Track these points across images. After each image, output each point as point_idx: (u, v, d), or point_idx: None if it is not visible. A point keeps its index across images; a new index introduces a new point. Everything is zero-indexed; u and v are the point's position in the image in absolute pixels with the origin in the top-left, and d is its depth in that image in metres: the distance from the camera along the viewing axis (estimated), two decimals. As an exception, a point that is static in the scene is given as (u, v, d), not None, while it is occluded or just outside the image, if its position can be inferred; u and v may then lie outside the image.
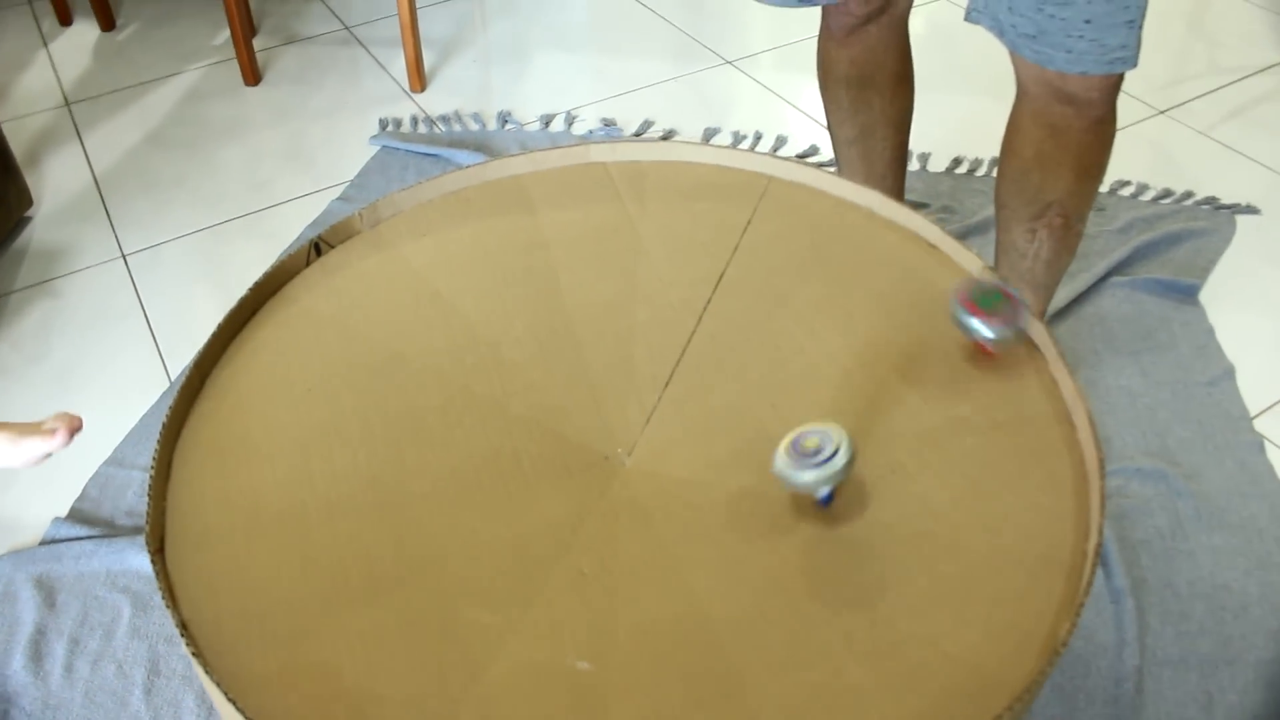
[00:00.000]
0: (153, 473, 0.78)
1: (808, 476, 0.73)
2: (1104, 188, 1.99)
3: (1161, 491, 1.46)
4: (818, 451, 0.74)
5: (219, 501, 0.79)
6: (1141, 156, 2.07)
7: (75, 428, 1.19)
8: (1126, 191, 1.98)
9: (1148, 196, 1.97)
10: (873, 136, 1.58)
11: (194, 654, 0.67)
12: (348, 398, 0.87)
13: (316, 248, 0.98)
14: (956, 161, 2.06)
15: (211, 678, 0.65)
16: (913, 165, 2.06)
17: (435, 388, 0.88)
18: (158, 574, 0.72)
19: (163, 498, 0.78)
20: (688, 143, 1.07)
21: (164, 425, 0.81)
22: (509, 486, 0.81)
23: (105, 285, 1.84)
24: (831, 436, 0.74)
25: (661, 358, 0.90)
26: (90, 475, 1.51)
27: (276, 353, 0.90)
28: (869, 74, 1.50)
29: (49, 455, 1.19)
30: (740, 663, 0.69)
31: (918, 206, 1.96)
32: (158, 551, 0.74)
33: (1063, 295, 1.74)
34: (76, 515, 1.46)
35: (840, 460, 0.73)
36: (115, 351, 1.70)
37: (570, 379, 0.88)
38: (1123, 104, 2.07)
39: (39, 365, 1.69)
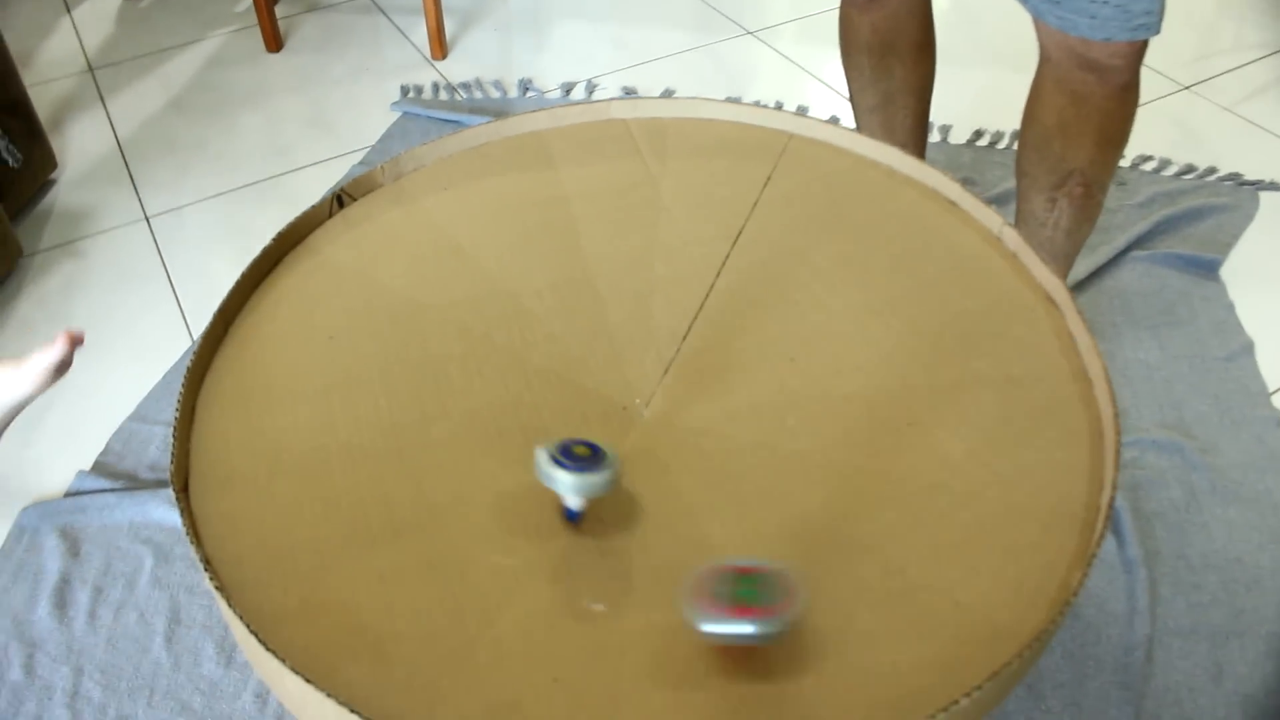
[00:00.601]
0: (178, 416, 0.79)
1: (565, 479, 0.69)
2: (1126, 162, 1.98)
3: (1177, 464, 1.46)
4: (587, 459, 0.70)
5: (242, 445, 0.80)
6: (1165, 131, 2.05)
7: (74, 337, 1.20)
8: (1149, 166, 1.97)
9: (1170, 171, 1.96)
10: (894, 104, 1.57)
11: (217, 588, 0.68)
12: (369, 346, 0.88)
13: (339, 200, 0.99)
14: (978, 134, 2.05)
15: (234, 611, 0.67)
16: (934, 137, 2.06)
17: (456, 337, 0.89)
18: (182, 512, 0.73)
19: (187, 440, 0.80)
20: (708, 100, 1.07)
21: (188, 370, 0.83)
22: (528, 435, 0.81)
23: (129, 246, 1.85)
24: (605, 453, 0.71)
25: (680, 311, 0.91)
26: (114, 430, 1.52)
27: (299, 301, 0.91)
28: (891, 41, 1.49)
29: (58, 368, 1.20)
30: (754, 607, 0.70)
31: (938, 178, 1.96)
32: (182, 491, 0.75)
33: (1082, 268, 1.74)
34: (100, 468, 1.48)
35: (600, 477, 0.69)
36: (138, 311, 1.72)
37: (589, 331, 0.89)
38: (1146, 79, 2.06)
39: (63, 323, 1.71)
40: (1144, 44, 1.18)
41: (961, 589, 0.70)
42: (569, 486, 0.69)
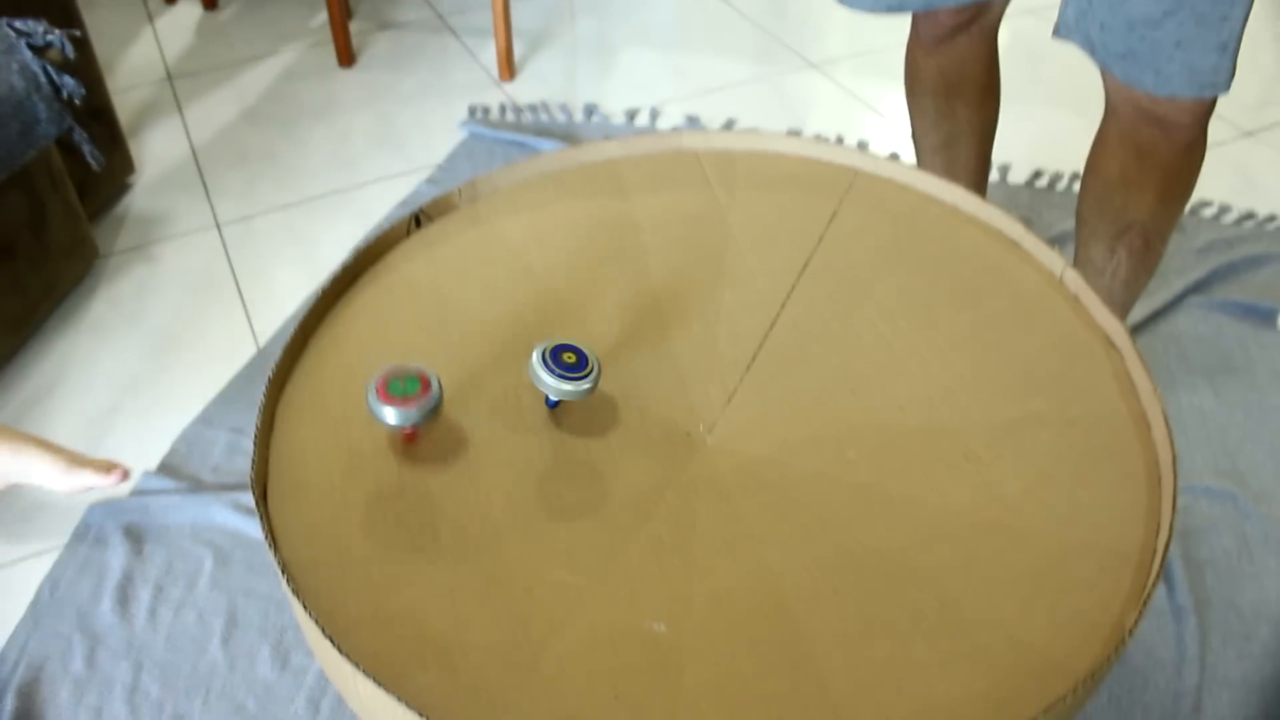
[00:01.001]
0: (259, 424, 0.82)
1: (553, 382, 0.81)
2: (1185, 208, 1.97)
3: (1229, 512, 1.46)
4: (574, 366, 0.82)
5: (318, 455, 0.83)
6: (1225, 178, 2.05)
7: (125, 477, 1.27)
8: (1208, 212, 1.97)
9: (1230, 218, 1.95)
10: (957, 145, 1.58)
11: (294, 592, 0.71)
12: (442, 362, 0.90)
13: (417, 220, 1.02)
14: (1037, 174, 2.06)
15: (310, 616, 0.69)
16: (993, 176, 2.07)
17: (525, 358, 0.91)
18: (261, 518, 0.76)
19: (266, 448, 0.83)
20: (777, 134, 1.09)
21: (269, 380, 0.86)
22: (594, 456, 0.84)
23: (200, 252, 1.90)
24: (586, 355, 0.84)
25: (744, 341, 0.93)
26: (179, 433, 1.57)
27: (376, 315, 0.94)
28: (956, 83, 1.50)
29: (90, 489, 1.28)
30: (810, 633, 0.71)
31: (996, 216, 1.97)
32: (261, 498, 0.78)
33: (1139, 313, 1.74)
34: (165, 470, 1.52)
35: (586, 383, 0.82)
36: (207, 316, 1.76)
37: (656, 357, 0.91)
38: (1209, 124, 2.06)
39: (135, 325, 1.76)
40: (1211, 102, 1.18)
41: (1016, 625, 0.71)
42: (552, 389, 0.82)
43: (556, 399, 0.86)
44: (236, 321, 1.75)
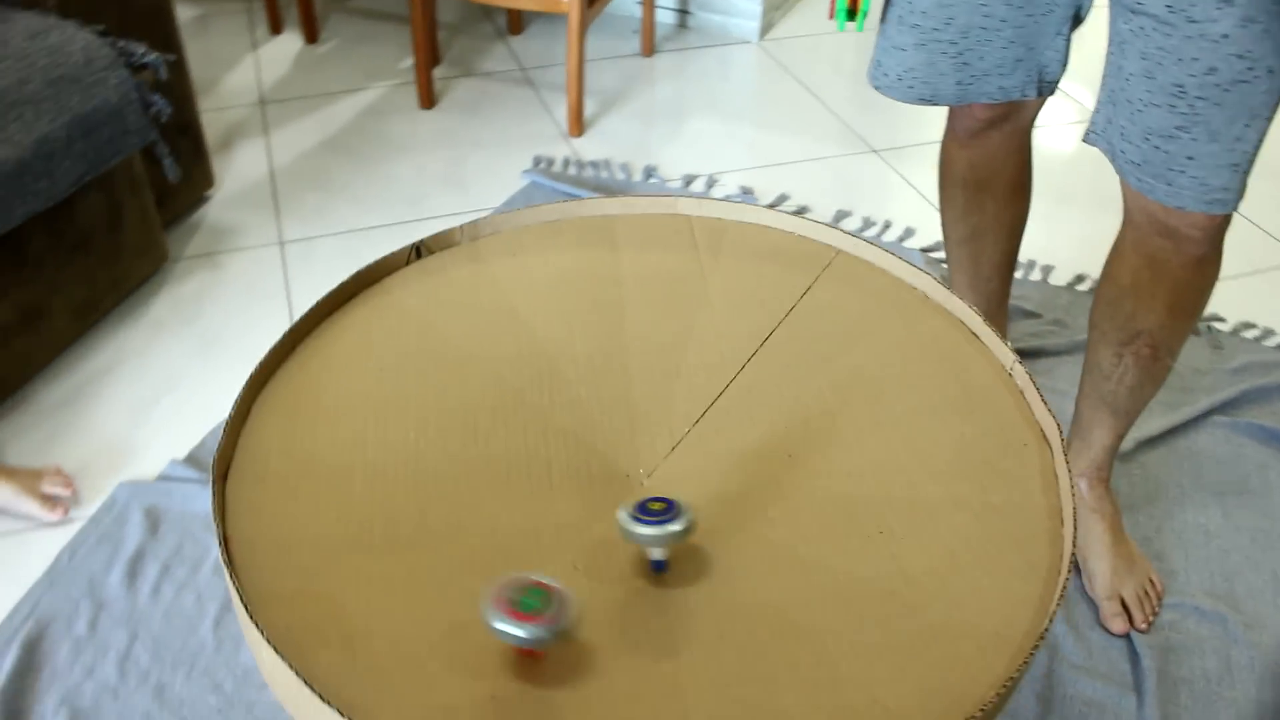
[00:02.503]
0: (232, 414, 0.91)
1: (645, 532, 0.79)
2: (1226, 327, 1.98)
3: (1217, 634, 1.45)
4: (662, 513, 0.80)
5: (281, 448, 0.90)
6: (1272, 300, 2.04)
7: (65, 511, 1.48)
8: (1251, 334, 1.97)
9: (1273, 342, 1.95)
10: (983, 239, 1.62)
11: (226, 563, 0.78)
12: (413, 383, 0.98)
13: (418, 250, 1.11)
14: (1079, 278, 2.08)
15: (234, 585, 0.77)
16: (1034, 275, 2.09)
17: (492, 388, 0.98)
18: (214, 494, 0.84)
19: (236, 435, 0.91)
20: (767, 208, 1.15)
21: (251, 375, 0.94)
22: (534, 485, 0.90)
23: (260, 266, 2.03)
24: (677, 505, 0.81)
25: (698, 397, 0.98)
26: (210, 429, 1.67)
27: (363, 333, 1.02)
28: (986, 178, 1.54)
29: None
30: (687, 667, 0.76)
31: (1030, 315, 1.99)
32: (220, 478, 0.86)
33: (1159, 424, 1.74)
34: (192, 460, 1.62)
35: (676, 526, 0.79)
36: (255, 324, 1.88)
37: (613, 401, 0.98)
38: (1258, 247, 2.06)
39: (190, 326, 1.88)
40: (1224, 219, 1.20)
41: (883, 689, 0.75)
42: (652, 540, 0.80)
43: (660, 558, 0.83)
44: (281, 332, 1.86)
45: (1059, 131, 2.54)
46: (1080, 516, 1.52)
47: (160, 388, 1.76)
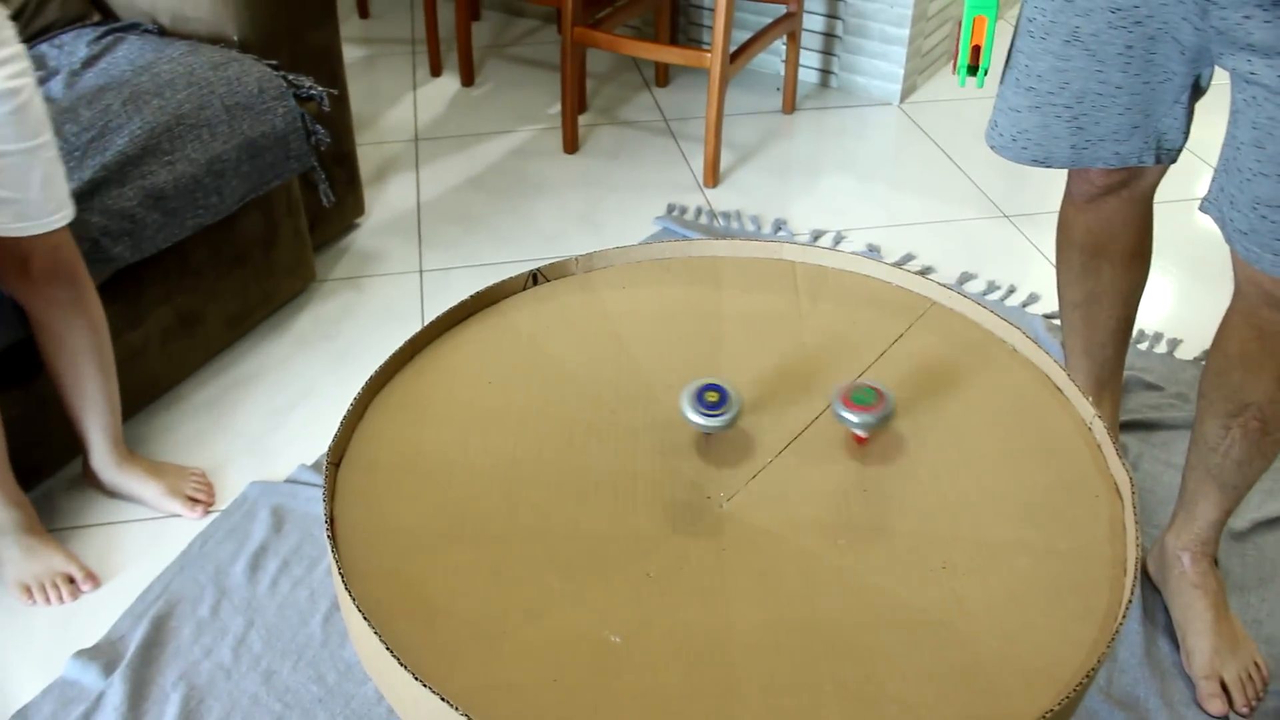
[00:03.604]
0: (351, 409, 1.00)
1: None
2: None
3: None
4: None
5: (391, 444, 0.99)
6: None
7: (205, 512, 1.63)
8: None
9: None
10: (1098, 304, 1.61)
11: (329, 539, 0.86)
12: (517, 396, 1.05)
13: (534, 277, 1.19)
14: (1206, 354, 2.04)
15: (335, 559, 0.85)
16: (1160, 348, 2.06)
17: (589, 406, 1.05)
18: (327, 479, 0.92)
19: (352, 429, 1.00)
20: (868, 257, 1.20)
21: (371, 377, 1.03)
22: (618, 497, 0.96)
23: (399, 291, 2.15)
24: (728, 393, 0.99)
25: (783, 429, 1.03)
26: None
27: (477, 348, 1.11)
28: (1103, 243, 1.54)
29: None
30: (741, 675, 0.81)
31: (1151, 388, 1.97)
32: (334, 464, 0.95)
33: (1274, 508, 1.70)
34: (319, 466, 1.73)
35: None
36: (389, 345, 2.00)
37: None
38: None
39: (329, 343, 2.01)
40: None
41: (926, 711, 0.78)
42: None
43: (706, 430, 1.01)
44: (413, 353, 1.98)
45: (1192, 204, 2.50)
46: (1181, 591, 1.50)
47: (297, 397, 1.88)
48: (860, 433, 1.01)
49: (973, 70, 1.39)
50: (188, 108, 1.68)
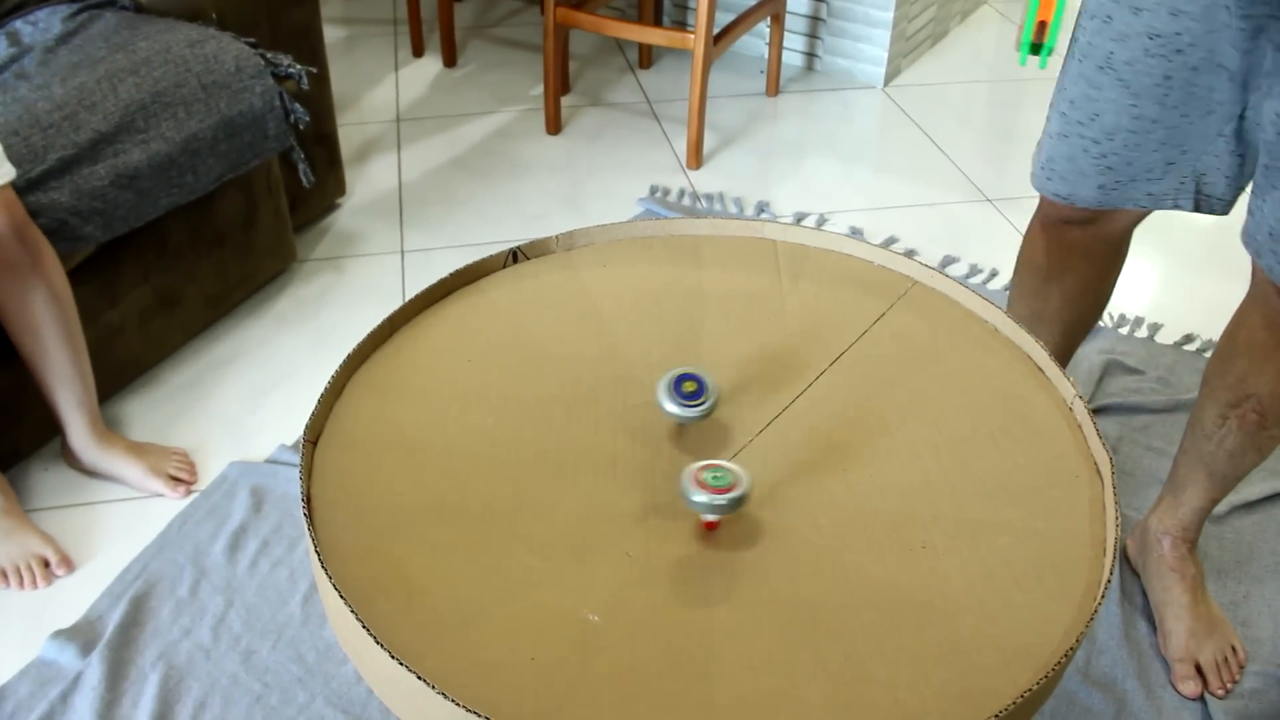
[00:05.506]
0: (328, 387, 0.99)
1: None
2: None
3: (1290, 701, 1.42)
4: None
5: (369, 422, 0.98)
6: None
7: (186, 492, 1.61)
8: (1365, 409, 1.91)
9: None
10: (1041, 324, 1.53)
11: (306, 517, 0.86)
12: (496, 375, 1.05)
13: (514, 255, 1.18)
14: (1188, 338, 2.05)
15: (311, 537, 0.84)
16: (1140, 333, 2.07)
17: (569, 385, 1.04)
18: (303, 457, 0.92)
19: (330, 407, 0.99)
20: (849, 237, 1.19)
21: (349, 355, 1.02)
22: (597, 476, 0.95)
23: (380, 272, 2.14)
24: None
25: (764, 410, 1.03)
26: (318, 417, 1.78)
27: (456, 326, 1.10)
28: (1056, 271, 1.46)
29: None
30: (719, 654, 0.81)
31: (1131, 371, 1.97)
32: (311, 443, 0.94)
33: (1258, 490, 1.71)
34: (298, 447, 1.72)
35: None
36: (370, 326, 1.98)
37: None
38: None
39: (308, 323, 1.99)
40: None
41: (906, 690, 0.78)
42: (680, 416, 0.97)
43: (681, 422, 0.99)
44: (393, 334, 1.97)
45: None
46: (1160, 574, 1.51)
47: (276, 377, 1.87)
48: (710, 517, 0.90)
49: (1035, 49, 1.27)
50: (164, 85, 1.66)
